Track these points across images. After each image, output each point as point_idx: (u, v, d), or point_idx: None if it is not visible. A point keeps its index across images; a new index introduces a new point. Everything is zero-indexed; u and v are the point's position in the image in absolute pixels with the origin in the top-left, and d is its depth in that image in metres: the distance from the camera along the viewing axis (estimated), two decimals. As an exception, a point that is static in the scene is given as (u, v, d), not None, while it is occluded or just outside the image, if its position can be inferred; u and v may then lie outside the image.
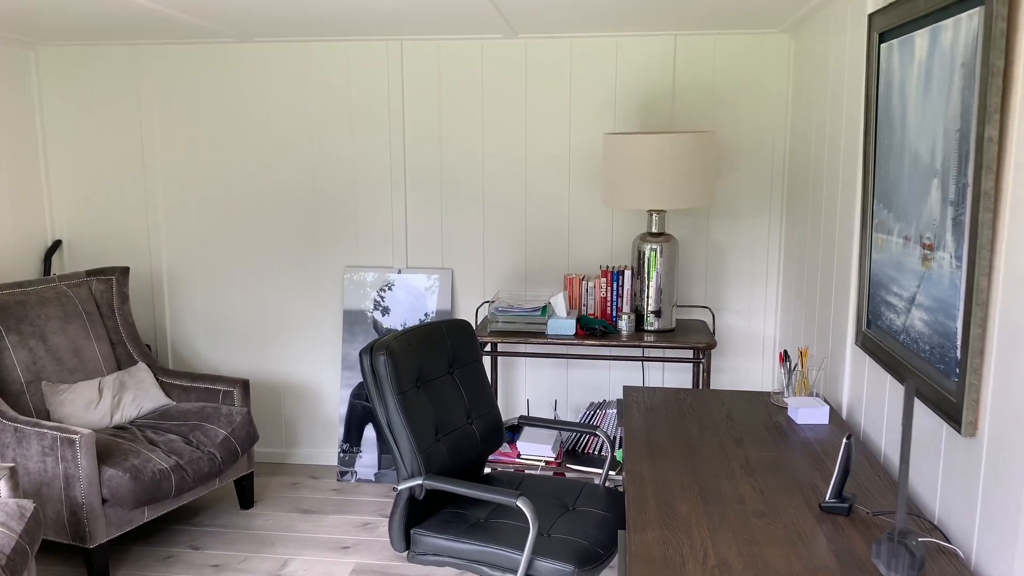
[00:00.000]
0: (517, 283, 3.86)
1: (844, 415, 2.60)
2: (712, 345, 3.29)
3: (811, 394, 2.60)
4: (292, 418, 4.11)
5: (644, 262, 3.40)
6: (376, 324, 3.90)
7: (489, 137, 3.77)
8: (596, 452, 3.55)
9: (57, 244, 4.02)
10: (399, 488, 2.25)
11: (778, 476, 2.07)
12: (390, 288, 3.87)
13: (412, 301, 3.87)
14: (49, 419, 3.24)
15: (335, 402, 4.06)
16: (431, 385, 2.42)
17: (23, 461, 2.93)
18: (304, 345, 4.04)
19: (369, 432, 3.92)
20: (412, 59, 3.75)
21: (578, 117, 3.70)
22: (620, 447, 3.45)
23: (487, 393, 2.64)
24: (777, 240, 3.70)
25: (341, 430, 3.93)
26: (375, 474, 3.89)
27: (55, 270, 4.06)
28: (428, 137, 3.80)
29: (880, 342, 2.21)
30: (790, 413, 2.51)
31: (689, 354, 3.70)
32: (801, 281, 3.27)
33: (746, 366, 3.80)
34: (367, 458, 3.90)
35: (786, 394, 2.61)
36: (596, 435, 2.68)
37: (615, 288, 3.52)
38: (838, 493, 1.85)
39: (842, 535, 1.75)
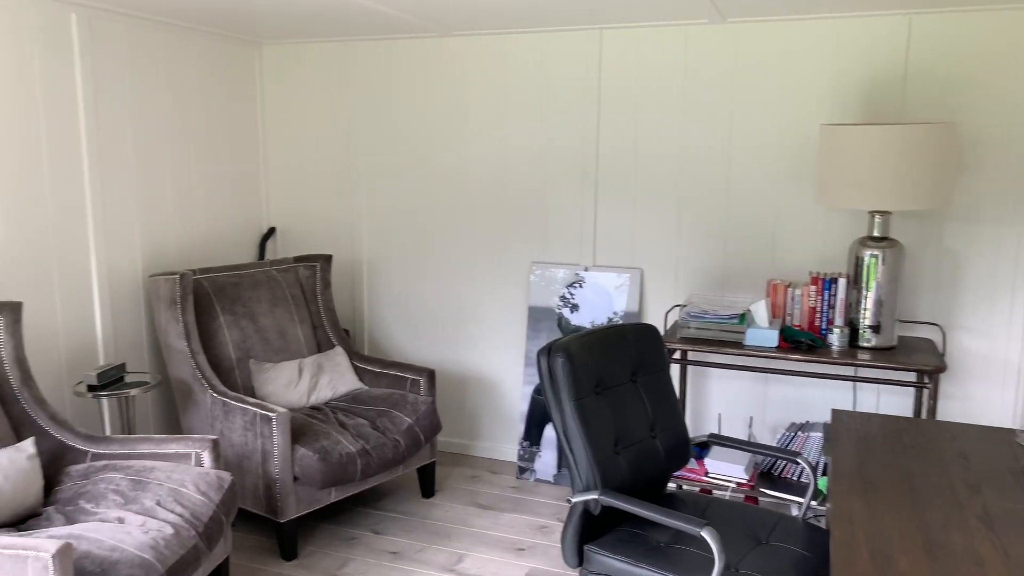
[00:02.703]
0: (713, 287, 3.60)
1: (1118, 467, 2.13)
2: (941, 368, 2.85)
3: (1073, 437, 2.15)
4: (475, 410, 4.12)
5: (862, 269, 3.02)
6: (561, 321, 3.80)
7: (689, 128, 3.53)
8: (796, 478, 3.21)
9: (272, 231, 4.30)
10: (573, 501, 2.12)
11: (1028, 536, 1.70)
12: (580, 285, 3.75)
13: (598, 300, 3.72)
14: (254, 396, 3.45)
15: (517, 398, 4.01)
16: (611, 392, 2.26)
17: (228, 433, 3.12)
18: (490, 338, 4.02)
19: (549, 432, 3.83)
20: (610, 48, 3.60)
21: (790, 107, 3.37)
22: (824, 474, 3.10)
23: (673, 405, 2.44)
24: (1030, 250, 3.16)
25: (521, 427, 3.87)
26: (554, 475, 3.80)
27: (269, 255, 4.35)
28: (623, 129, 3.63)
29: None
30: (1044, 458, 2.09)
31: (912, 377, 3.25)
32: (1061, 300, 2.75)
33: (982, 395, 3.28)
34: (547, 458, 3.82)
35: (1039, 435, 2.18)
36: (796, 461, 2.39)
37: (826, 298, 3.16)
38: (1115, 570, 1.47)
39: (1120, 625, 1.38)
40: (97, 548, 2.15)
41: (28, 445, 2.46)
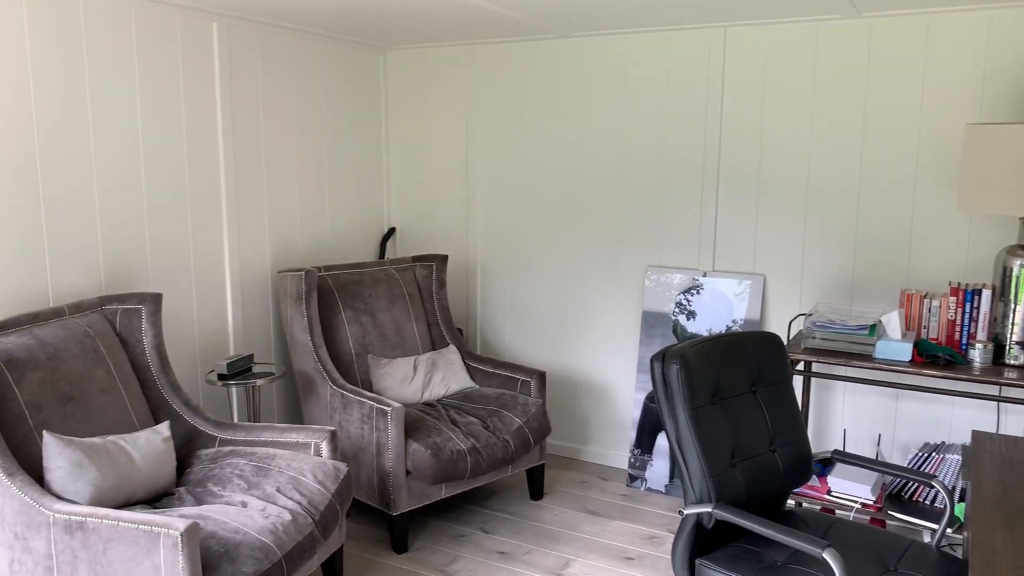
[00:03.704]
0: (841, 295, 3.41)
1: None
2: (1103, 392, 2.59)
3: None
4: (585, 415, 4.08)
5: (1011, 281, 2.78)
6: (677, 328, 3.70)
7: (818, 130, 3.37)
8: (928, 502, 3.00)
9: (392, 231, 4.41)
10: (685, 512, 2.05)
11: None
12: (698, 291, 3.64)
13: (717, 307, 3.61)
14: (371, 389, 3.55)
15: (629, 405, 3.94)
16: (729, 403, 2.17)
17: (346, 425, 3.23)
18: (601, 342, 3.98)
19: (662, 440, 3.74)
20: (735, 47, 3.48)
21: (931, 106, 3.15)
22: (961, 500, 2.88)
23: (795, 418, 2.32)
24: None
25: (633, 435, 3.80)
26: (666, 486, 3.71)
27: (388, 254, 4.47)
28: (747, 131, 3.51)
29: None
30: None
31: (1066, 399, 2.97)
32: None
33: None
34: (658, 467, 3.73)
35: None
36: (930, 485, 2.22)
37: (968, 310, 2.94)
38: None
39: None
40: (222, 529, 2.26)
41: (164, 428, 2.62)
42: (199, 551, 2.10)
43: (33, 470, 2.35)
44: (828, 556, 1.76)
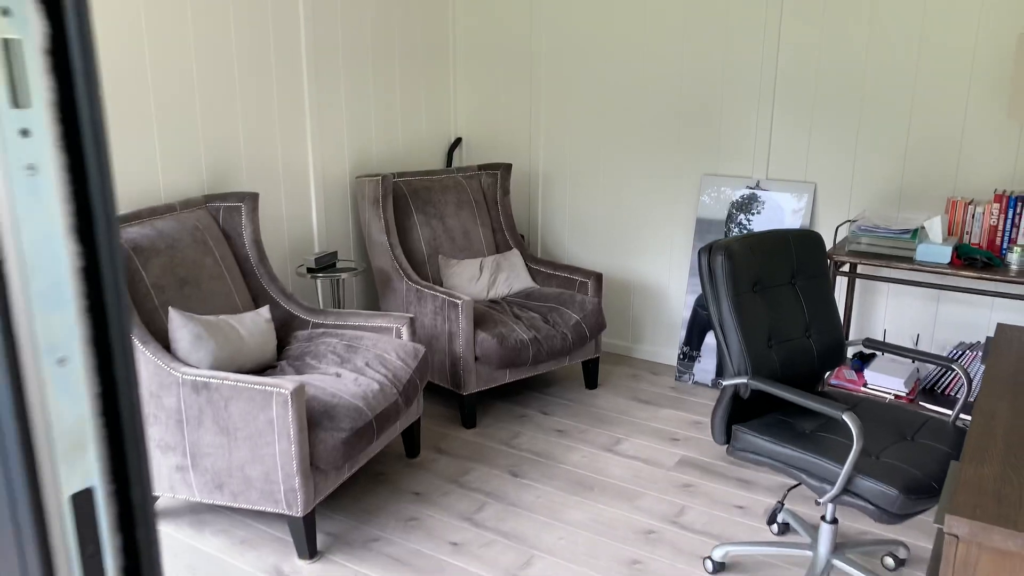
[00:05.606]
0: (889, 203, 3.56)
1: None
2: None
3: None
4: (639, 315, 4.35)
5: (1051, 187, 2.90)
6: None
7: (875, 38, 3.45)
8: (960, 396, 3.21)
9: (458, 141, 4.66)
10: (724, 383, 2.33)
11: None
12: (758, 211, 3.82)
13: (771, 214, 3.79)
14: (442, 287, 3.87)
15: (680, 306, 4.20)
16: (769, 292, 2.41)
17: (420, 316, 3.57)
18: (656, 247, 4.21)
19: (710, 339, 4.00)
20: (797, -43, 3.55)
21: (991, 11, 3.21)
22: (989, 394, 3.09)
23: (831, 310, 2.55)
24: None
25: (683, 333, 4.07)
26: (712, 380, 3.99)
27: (455, 163, 4.72)
28: (805, 41, 3.60)
29: None
30: None
31: (1100, 302, 3.11)
32: None
33: None
34: (706, 363, 4.01)
35: None
36: (952, 369, 2.44)
37: (1010, 216, 3.07)
38: None
39: None
40: (321, 393, 2.63)
41: (265, 311, 2.99)
42: (305, 409, 2.48)
43: (159, 343, 2.75)
44: (847, 418, 2.03)
